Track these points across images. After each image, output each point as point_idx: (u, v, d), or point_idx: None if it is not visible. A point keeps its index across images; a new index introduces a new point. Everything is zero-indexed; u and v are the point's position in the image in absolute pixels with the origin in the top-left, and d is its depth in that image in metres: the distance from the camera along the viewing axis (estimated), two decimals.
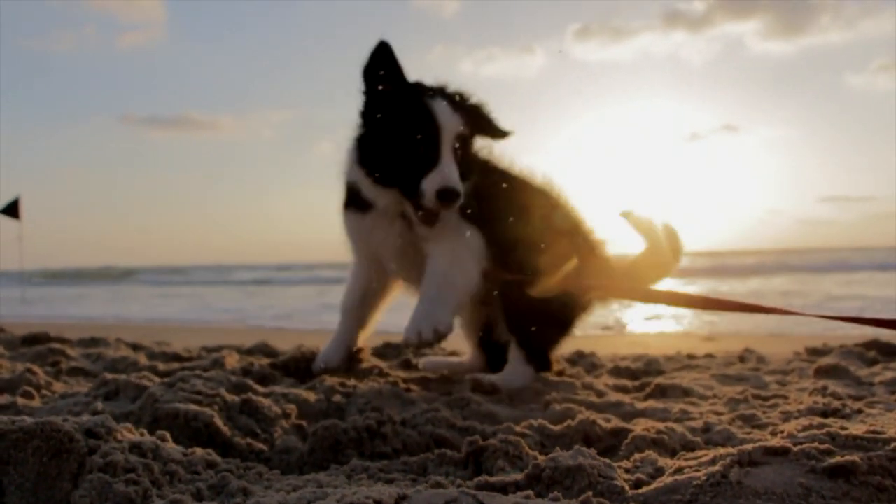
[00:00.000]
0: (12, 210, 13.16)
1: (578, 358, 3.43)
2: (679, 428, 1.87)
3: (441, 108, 2.39)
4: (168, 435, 1.71)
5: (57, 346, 3.40)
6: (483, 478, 1.41)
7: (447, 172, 2.33)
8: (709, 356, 3.82)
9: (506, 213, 2.59)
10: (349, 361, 2.84)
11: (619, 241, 2.86)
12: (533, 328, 2.63)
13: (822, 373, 2.81)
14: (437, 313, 2.42)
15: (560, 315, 2.72)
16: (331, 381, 2.51)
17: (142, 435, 1.61)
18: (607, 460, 1.43)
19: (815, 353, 3.57)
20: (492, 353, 2.91)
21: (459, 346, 3.78)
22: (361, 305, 2.87)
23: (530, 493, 1.31)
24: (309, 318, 9.33)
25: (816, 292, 11.61)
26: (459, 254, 2.52)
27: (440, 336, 2.41)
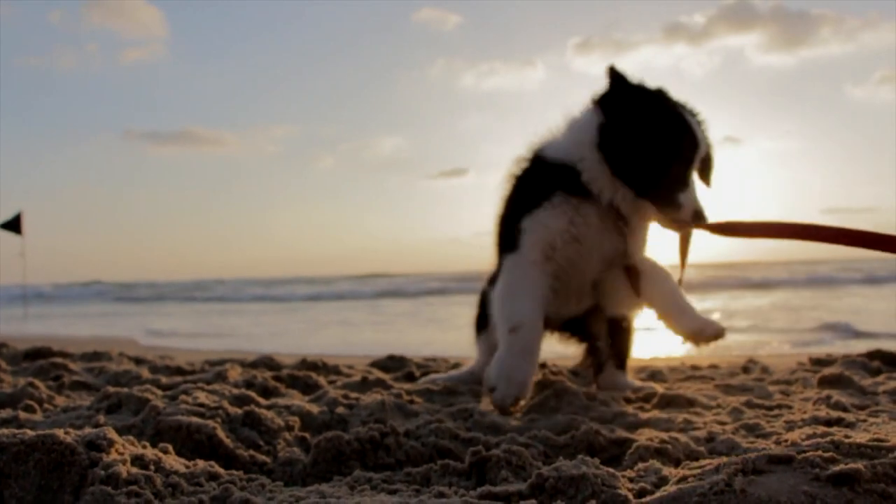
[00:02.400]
0: (14, 225, 13.17)
1: (582, 369, 3.42)
2: (683, 437, 1.86)
3: (699, 129, 2.46)
4: (170, 447, 1.70)
5: (59, 360, 3.40)
6: (486, 488, 1.41)
7: (697, 194, 2.45)
8: (712, 367, 3.82)
9: None
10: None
11: None
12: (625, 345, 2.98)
13: (825, 382, 2.80)
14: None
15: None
16: (334, 393, 2.51)
17: (144, 448, 1.60)
18: (611, 469, 1.43)
19: (818, 363, 3.56)
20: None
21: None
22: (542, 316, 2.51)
23: (534, 502, 1.30)
24: (310, 335, 9.31)
25: (820, 306, 11.57)
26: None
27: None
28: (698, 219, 2.42)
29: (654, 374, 3.44)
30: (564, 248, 2.48)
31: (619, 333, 2.97)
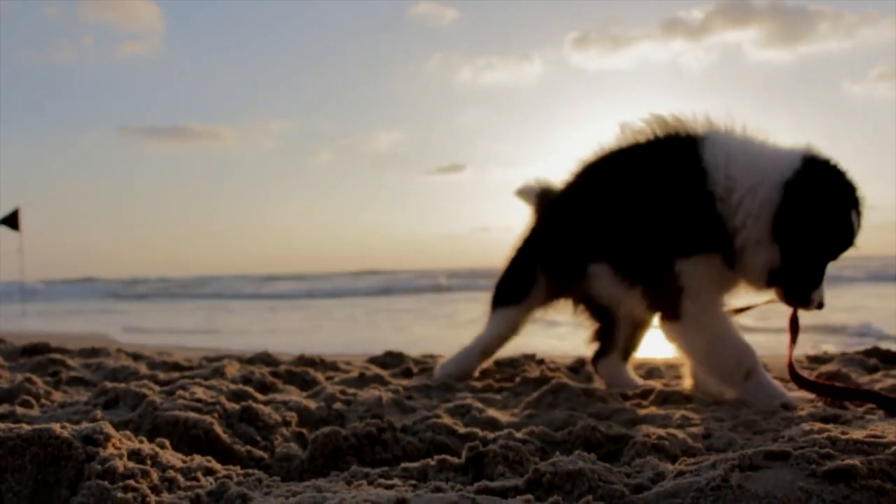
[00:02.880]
0: (12, 221, 13.16)
1: (580, 366, 3.43)
2: (680, 434, 1.86)
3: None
4: (167, 442, 1.70)
5: (57, 356, 3.40)
6: (483, 483, 1.40)
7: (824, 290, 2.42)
8: None
9: None
10: None
11: None
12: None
13: (823, 379, 2.80)
14: None
15: None
16: (331, 389, 2.51)
17: (141, 442, 1.60)
18: (608, 465, 1.43)
19: (816, 360, 3.56)
20: None
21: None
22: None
23: (530, 496, 1.30)
24: (306, 332, 9.27)
25: (833, 305, 11.49)
26: None
27: None
28: (819, 308, 2.44)
29: (651, 370, 3.44)
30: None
31: (638, 329, 2.97)
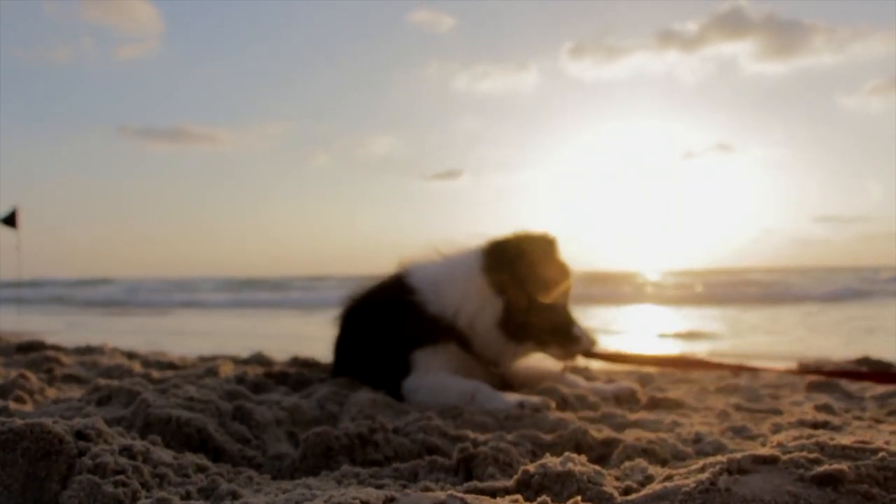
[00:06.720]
0: (10, 220, 13.13)
1: (573, 372, 3.43)
2: (670, 438, 1.87)
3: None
4: (159, 439, 1.70)
5: (51, 353, 3.40)
6: (473, 483, 1.41)
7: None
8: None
9: None
10: None
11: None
12: None
13: (814, 387, 2.82)
14: None
15: None
16: (325, 390, 2.51)
17: (133, 439, 1.61)
18: (597, 467, 1.44)
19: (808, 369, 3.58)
20: None
21: None
22: None
23: (519, 497, 1.31)
24: (304, 339, 9.19)
25: (814, 314, 11.56)
26: None
27: None
28: (594, 346, 2.79)
29: (643, 377, 3.45)
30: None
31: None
